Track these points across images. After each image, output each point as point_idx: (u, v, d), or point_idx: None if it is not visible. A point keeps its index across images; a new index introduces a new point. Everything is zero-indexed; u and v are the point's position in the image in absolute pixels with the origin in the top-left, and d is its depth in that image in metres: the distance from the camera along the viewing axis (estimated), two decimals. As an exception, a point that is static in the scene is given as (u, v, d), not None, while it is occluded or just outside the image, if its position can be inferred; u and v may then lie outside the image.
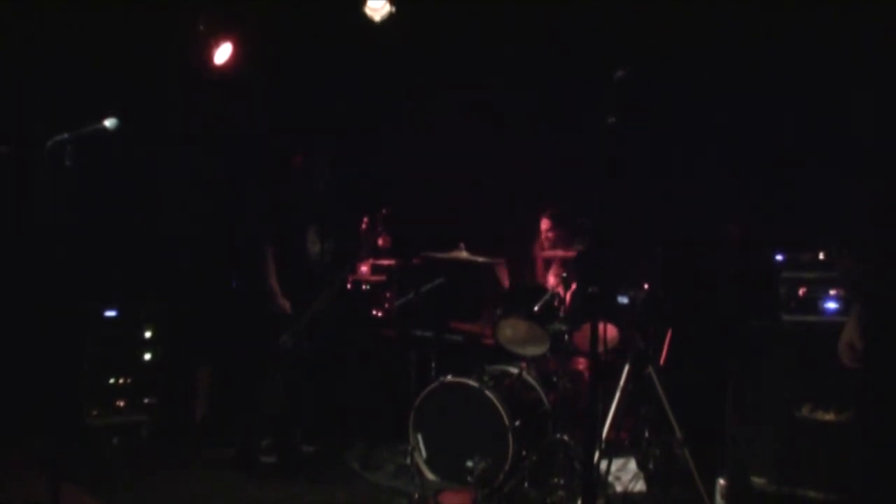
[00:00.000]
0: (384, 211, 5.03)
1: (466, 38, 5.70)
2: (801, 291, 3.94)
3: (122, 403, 5.19)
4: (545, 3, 5.38)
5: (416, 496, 4.15)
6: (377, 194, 5.91)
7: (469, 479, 4.01)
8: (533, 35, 5.49)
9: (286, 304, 4.79)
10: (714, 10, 4.81)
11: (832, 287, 3.90)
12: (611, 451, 4.10)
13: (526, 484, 4.18)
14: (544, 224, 5.22)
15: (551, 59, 5.54)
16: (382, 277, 5.86)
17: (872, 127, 3.82)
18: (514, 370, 4.69)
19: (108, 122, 2.98)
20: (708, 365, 4.58)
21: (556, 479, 4.17)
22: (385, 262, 5.78)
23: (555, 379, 4.59)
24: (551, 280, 5.17)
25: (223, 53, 5.50)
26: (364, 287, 5.80)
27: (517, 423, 4.20)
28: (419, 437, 4.43)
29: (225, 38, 5.49)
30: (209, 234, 5.94)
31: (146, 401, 5.27)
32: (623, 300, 4.34)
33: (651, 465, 4.33)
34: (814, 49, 4.60)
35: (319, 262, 4.88)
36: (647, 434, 4.39)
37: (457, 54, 5.81)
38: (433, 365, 4.68)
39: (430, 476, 4.40)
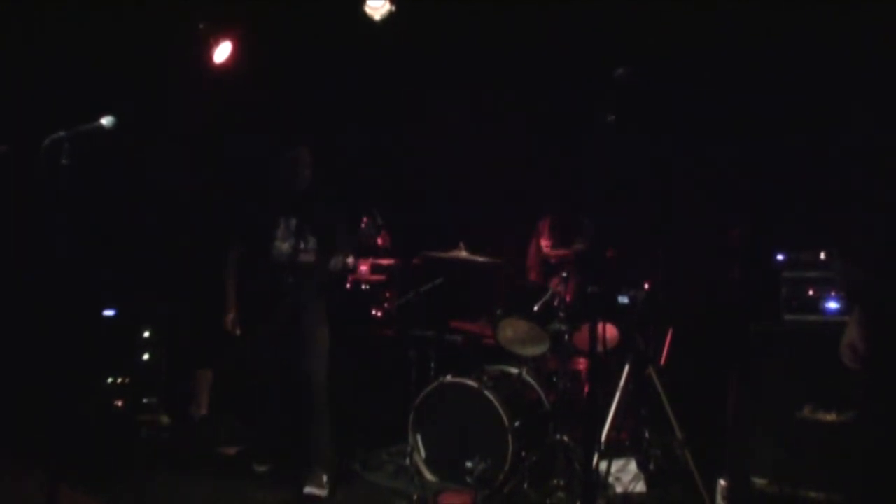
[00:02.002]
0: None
1: (466, 38, 5.69)
2: (810, 292, 3.93)
3: (120, 403, 5.18)
4: (545, 3, 5.37)
5: (416, 497, 4.13)
6: (376, 193, 5.89)
7: (469, 479, 4.01)
8: (533, 35, 5.48)
9: (233, 325, 4.66)
10: (714, 10, 4.80)
11: (833, 287, 3.89)
12: (611, 452, 4.09)
13: (526, 485, 4.17)
14: (544, 228, 5.21)
15: (552, 58, 5.53)
16: (382, 277, 5.85)
17: (872, 127, 3.81)
18: (515, 370, 4.68)
19: (105, 121, 2.97)
20: (708, 365, 4.57)
21: (555, 480, 4.17)
22: (385, 261, 5.76)
23: (555, 379, 4.58)
24: (553, 280, 5.16)
25: (222, 52, 5.49)
26: (364, 286, 5.78)
27: (517, 423, 4.19)
28: (418, 437, 4.42)
29: (224, 37, 5.48)
30: (209, 233, 5.92)
31: (145, 401, 5.26)
32: (623, 300, 4.32)
33: (651, 466, 4.33)
34: (814, 49, 4.59)
35: (290, 259, 4.76)
36: (647, 435, 4.39)
37: (457, 54, 5.80)
38: (433, 365, 4.66)
39: (429, 477, 4.38)
